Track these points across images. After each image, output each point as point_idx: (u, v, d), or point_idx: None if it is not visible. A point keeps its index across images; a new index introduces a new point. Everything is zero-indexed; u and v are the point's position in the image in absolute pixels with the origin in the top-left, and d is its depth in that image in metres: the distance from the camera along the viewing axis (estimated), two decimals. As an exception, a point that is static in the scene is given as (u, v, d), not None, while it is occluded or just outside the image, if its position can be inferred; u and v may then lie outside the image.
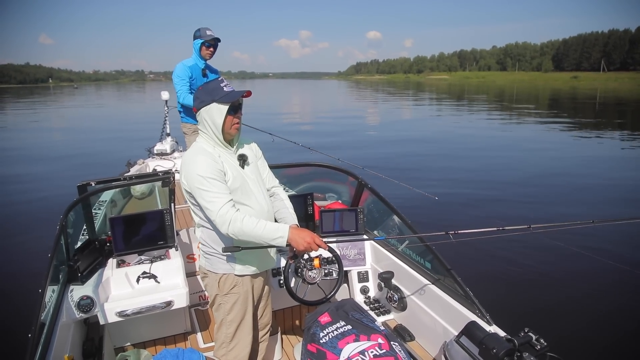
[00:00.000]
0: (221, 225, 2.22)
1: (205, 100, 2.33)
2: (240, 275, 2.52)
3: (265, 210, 2.51)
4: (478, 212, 9.16)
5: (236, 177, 2.38)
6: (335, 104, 48.37)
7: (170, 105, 8.18)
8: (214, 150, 2.38)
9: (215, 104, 2.31)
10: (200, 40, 4.93)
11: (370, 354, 2.26)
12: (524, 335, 2.21)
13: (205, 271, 2.57)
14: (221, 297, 2.54)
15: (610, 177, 12.16)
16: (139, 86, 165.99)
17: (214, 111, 2.32)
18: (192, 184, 2.26)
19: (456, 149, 17.00)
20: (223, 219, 2.21)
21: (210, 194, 2.23)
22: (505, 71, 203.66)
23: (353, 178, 3.92)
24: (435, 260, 3.07)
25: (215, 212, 2.22)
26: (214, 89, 2.32)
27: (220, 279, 2.51)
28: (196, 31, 5.00)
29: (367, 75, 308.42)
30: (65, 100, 64.61)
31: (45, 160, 15.72)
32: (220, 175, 2.29)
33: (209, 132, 2.37)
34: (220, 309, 2.56)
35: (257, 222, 2.23)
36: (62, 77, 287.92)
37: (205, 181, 2.23)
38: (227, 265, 2.49)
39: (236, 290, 2.52)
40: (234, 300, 2.53)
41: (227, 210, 2.22)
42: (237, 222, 2.20)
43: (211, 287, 2.57)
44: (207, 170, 2.25)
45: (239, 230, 2.21)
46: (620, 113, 35.15)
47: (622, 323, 4.88)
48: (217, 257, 2.48)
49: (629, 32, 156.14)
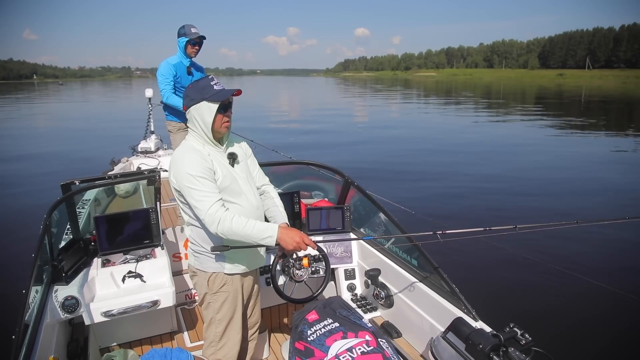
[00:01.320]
0: (210, 224, 2.21)
1: (195, 98, 2.31)
2: (229, 274, 2.51)
3: (255, 209, 2.51)
4: (464, 210, 9.23)
5: (226, 176, 2.36)
6: (323, 101, 48.32)
7: (154, 103, 8.11)
8: (204, 149, 2.36)
9: (205, 103, 2.29)
10: (186, 38, 4.85)
11: (357, 351, 2.26)
12: (509, 331, 2.22)
13: (195, 270, 2.55)
14: (210, 295, 2.52)
15: (597, 176, 12.31)
16: (125, 83, 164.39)
17: (204, 110, 2.30)
18: (182, 182, 2.24)
19: (444, 147, 17.12)
20: (212, 218, 2.19)
21: (199, 192, 2.21)
22: (492, 68, 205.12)
23: (339, 176, 3.92)
24: (421, 258, 3.08)
25: (204, 211, 2.20)
26: (204, 87, 2.30)
27: (209, 278, 2.49)
28: (180, 28, 4.91)
29: (355, 72, 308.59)
30: (50, 98, 63.79)
31: (28, 158, 15.52)
32: (209, 174, 2.27)
33: (199, 130, 2.35)
34: (210, 307, 2.55)
35: (247, 222, 2.22)
36: (46, 73, 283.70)
37: (195, 180, 2.21)
38: (216, 264, 2.47)
39: (225, 289, 2.51)
40: (224, 299, 2.52)
41: (217, 209, 2.20)
42: (226, 222, 2.19)
43: (200, 286, 2.55)
44: (197, 169, 2.23)
45: (228, 230, 2.20)
46: (605, 110, 35.64)
47: (606, 318, 4.96)
48: (207, 255, 2.46)
49: (613, 30, 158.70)
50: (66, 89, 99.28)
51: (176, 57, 4.94)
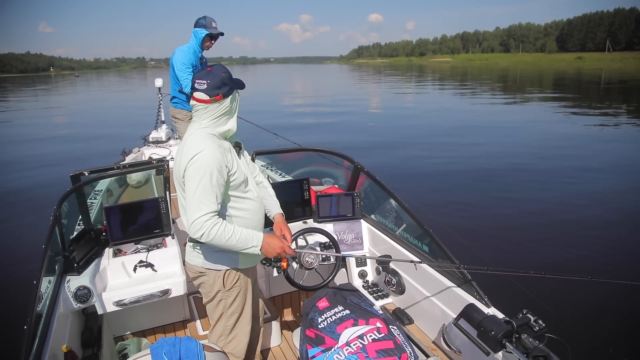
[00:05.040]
0: (195, 232, 2.13)
1: (232, 87, 2.29)
2: (243, 269, 2.49)
3: (260, 201, 2.52)
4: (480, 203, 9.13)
5: (241, 170, 2.34)
6: (337, 89, 48.06)
7: (163, 93, 8.10)
8: (221, 142, 2.30)
9: (235, 92, 2.33)
10: (206, 31, 4.82)
11: (369, 338, 2.25)
12: (522, 317, 2.19)
13: (203, 270, 2.46)
14: (223, 292, 2.48)
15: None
16: (140, 73, 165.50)
17: (235, 98, 2.34)
18: (193, 173, 2.15)
19: (453, 136, 16.86)
20: (200, 227, 2.12)
21: (203, 195, 2.14)
22: (508, 53, 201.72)
23: (349, 162, 3.88)
24: (432, 244, 3.04)
25: (195, 217, 2.13)
26: (231, 76, 2.29)
27: (224, 275, 2.45)
28: (201, 19, 4.87)
29: (369, 58, 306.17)
30: (67, 89, 64.56)
31: (42, 149, 15.71)
32: (224, 174, 2.21)
33: (222, 119, 2.30)
34: (221, 304, 2.52)
35: (232, 233, 2.18)
36: (63, 65, 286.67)
37: (209, 179, 2.14)
38: (230, 260, 2.43)
39: (238, 284, 2.50)
40: (236, 294, 2.51)
41: (208, 219, 2.13)
42: (211, 232, 2.14)
43: (212, 285, 2.47)
44: (217, 166, 2.17)
45: (211, 240, 2.16)
46: (625, 95, 34.82)
47: (622, 304, 4.89)
48: (219, 253, 2.39)
49: (635, 10, 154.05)
50: (82, 81, 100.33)
51: (192, 46, 4.90)
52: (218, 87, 2.22)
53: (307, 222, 3.78)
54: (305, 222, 3.77)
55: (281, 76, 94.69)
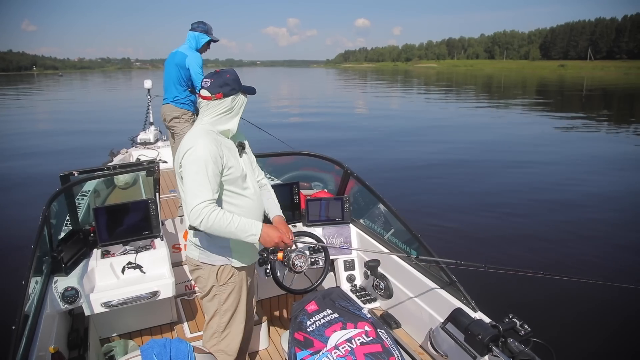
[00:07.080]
0: (194, 219, 2.17)
1: (236, 88, 2.38)
2: (237, 267, 2.50)
3: (258, 201, 2.54)
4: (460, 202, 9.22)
5: (237, 167, 2.38)
6: (323, 93, 48.13)
7: (153, 94, 8.05)
8: (220, 138, 2.37)
9: (242, 94, 2.42)
10: (208, 37, 4.94)
11: (357, 341, 2.26)
12: (508, 322, 2.22)
13: (199, 263, 2.49)
14: (218, 287, 2.50)
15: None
16: (125, 74, 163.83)
17: (241, 100, 2.42)
18: (190, 165, 2.22)
19: (440, 140, 17.03)
20: (198, 213, 2.16)
21: (199, 183, 2.19)
22: (493, 59, 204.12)
23: (339, 167, 3.91)
24: (421, 248, 3.08)
25: (193, 204, 2.17)
26: (238, 79, 2.41)
27: (218, 270, 2.47)
28: (201, 24, 4.95)
29: (355, 63, 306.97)
30: (50, 89, 63.60)
31: (27, 149, 15.47)
32: (219, 165, 2.26)
33: (222, 118, 2.38)
34: (215, 299, 2.53)
35: (231, 219, 2.21)
36: (46, 64, 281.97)
37: (204, 168, 2.20)
38: (224, 256, 2.46)
39: (233, 280, 2.51)
40: (231, 290, 2.51)
41: (206, 205, 2.17)
42: (210, 218, 2.17)
43: (207, 279, 2.50)
44: (210, 155, 2.23)
45: (210, 227, 2.19)
46: (606, 103, 35.47)
47: (606, 309, 4.97)
48: (214, 247, 2.43)
49: (616, 20, 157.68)
50: (65, 80, 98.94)
51: (194, 50, 4.96)
52: (220, 86, 2.34)
53: (296, 226, 3.79)
54: (295, 226, 3.78)
55: (268, 79, 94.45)
